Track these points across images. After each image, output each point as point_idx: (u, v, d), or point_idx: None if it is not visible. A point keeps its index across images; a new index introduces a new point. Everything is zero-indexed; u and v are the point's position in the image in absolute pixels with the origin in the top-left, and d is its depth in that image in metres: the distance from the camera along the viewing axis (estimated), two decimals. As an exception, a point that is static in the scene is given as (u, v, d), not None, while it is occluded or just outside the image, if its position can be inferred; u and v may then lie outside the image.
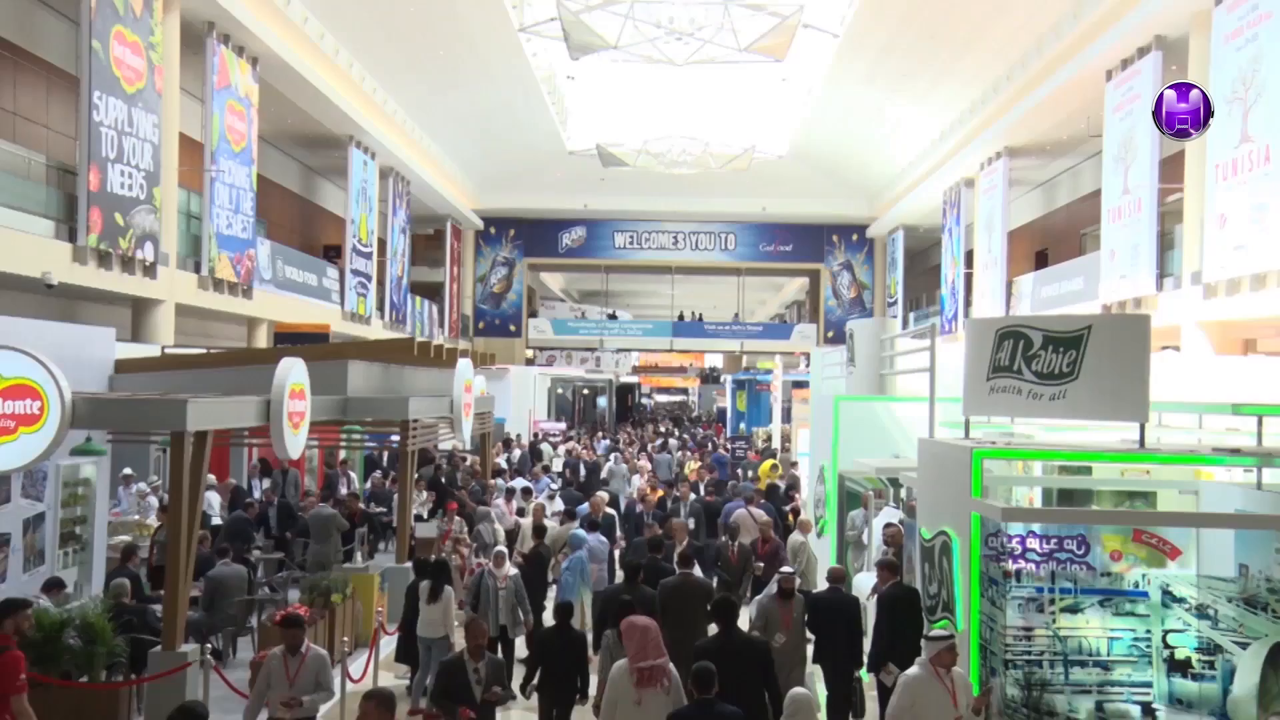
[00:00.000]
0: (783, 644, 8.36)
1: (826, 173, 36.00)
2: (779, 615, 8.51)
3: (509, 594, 9.85)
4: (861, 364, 12.94)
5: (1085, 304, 19.43)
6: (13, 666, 6.25)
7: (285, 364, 9.53)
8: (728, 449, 27.82)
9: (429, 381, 15.50)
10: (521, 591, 9.92)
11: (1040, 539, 6.38)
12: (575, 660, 7.81)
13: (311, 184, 28.86)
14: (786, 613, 8.54)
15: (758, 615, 8.67)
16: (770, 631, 8.44)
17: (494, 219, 39.24)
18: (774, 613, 8.52)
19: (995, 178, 25.23)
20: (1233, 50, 14.46)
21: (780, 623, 8.49)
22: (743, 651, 7.00)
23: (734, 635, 7.19)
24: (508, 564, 10.07)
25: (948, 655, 6.18)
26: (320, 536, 12.92)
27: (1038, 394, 6.65)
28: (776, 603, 8.58)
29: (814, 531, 13.17)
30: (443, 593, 9.49)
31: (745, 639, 7.29)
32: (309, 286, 23.10)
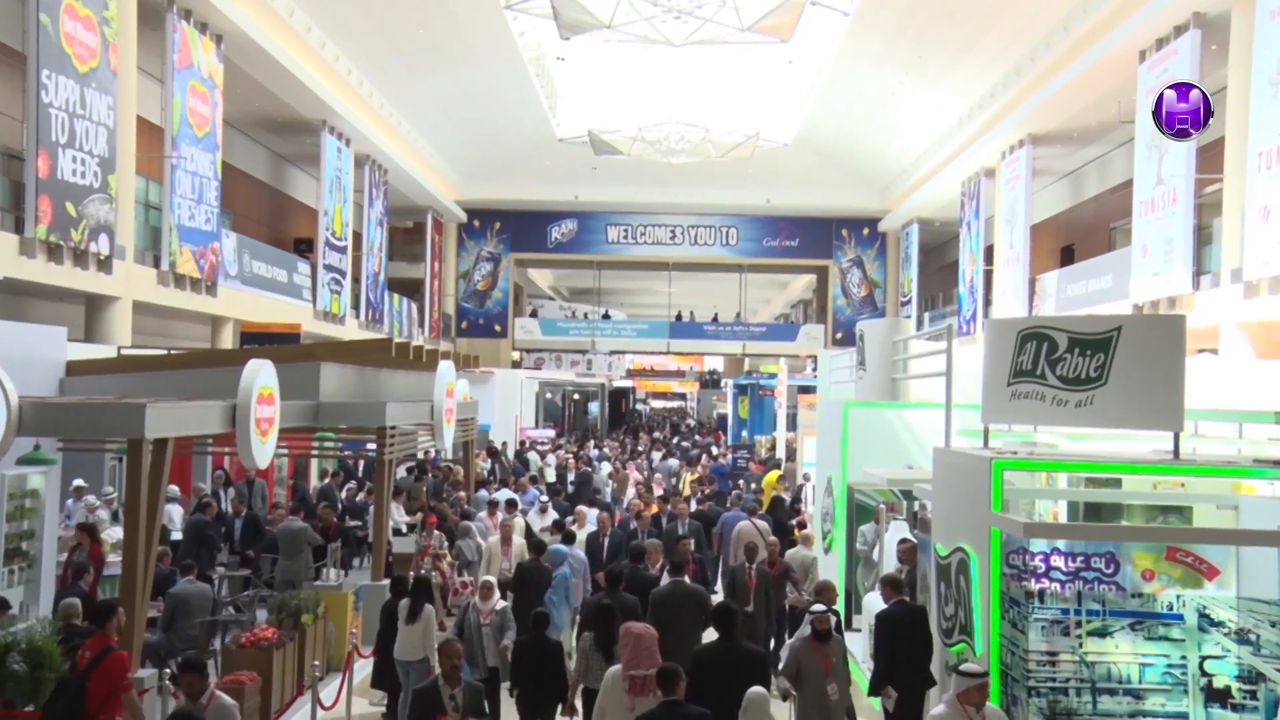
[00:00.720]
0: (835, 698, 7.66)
1: (835, 162, 36.01)
2: (815, 662, 7.80)
3: (495, 630, 9.26)
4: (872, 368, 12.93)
5: (1115, 303, 19.43)
6: (120, 665, 7.22)
7: (252, 366, 9.49)
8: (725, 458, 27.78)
9: (408, 385, 15.46)
10: (509, 625, 9.34)
11: (1065, 557, 6.36)
12: (553, 670, 8.26)
13: (281, 172, 28.80)
14: (824, 658, 7.79)
15: (788, 661, 7.99)
16: (806, 681, 7.72)
17: (478, 211, 39.20)
18: (808, 658, 7.83)
19: (1017, 167, 25.25)
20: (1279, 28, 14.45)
21: (817, 669, 7.73)
22: (743, 659, 7.39)
23: (735, 643, 7.56)
24: (496, 595, 9.54)
25: (978, 693, 6.03)
26: (290, 552, 12.86)
27: (1063, 400, 6.65)
28: (811, 646, 7.84)
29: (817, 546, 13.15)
30: (422, 612, 9.45)
31: (746, 647, 7.67)
32: (278, 283, 23.03)
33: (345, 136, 26.02)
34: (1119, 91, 20.11)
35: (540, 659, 8.28)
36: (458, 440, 17.20)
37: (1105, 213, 25.32)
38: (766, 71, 29.45)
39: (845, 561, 12.05)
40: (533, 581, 11.07)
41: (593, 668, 8.24)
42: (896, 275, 38.62)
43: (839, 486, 12.52)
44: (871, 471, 10.41)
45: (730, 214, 39.65)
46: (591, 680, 8.18)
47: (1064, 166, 27.15)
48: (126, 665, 7.32)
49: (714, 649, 7.56)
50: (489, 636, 9.34)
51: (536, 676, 8.27)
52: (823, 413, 15.48)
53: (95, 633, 7.43)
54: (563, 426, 46.29)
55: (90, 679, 7.13)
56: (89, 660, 7.22)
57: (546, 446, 30.41)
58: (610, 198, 38.73)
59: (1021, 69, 24.01)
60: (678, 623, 8.73)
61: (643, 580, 10.27)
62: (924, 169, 32.49)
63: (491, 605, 9.48)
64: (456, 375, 15.74)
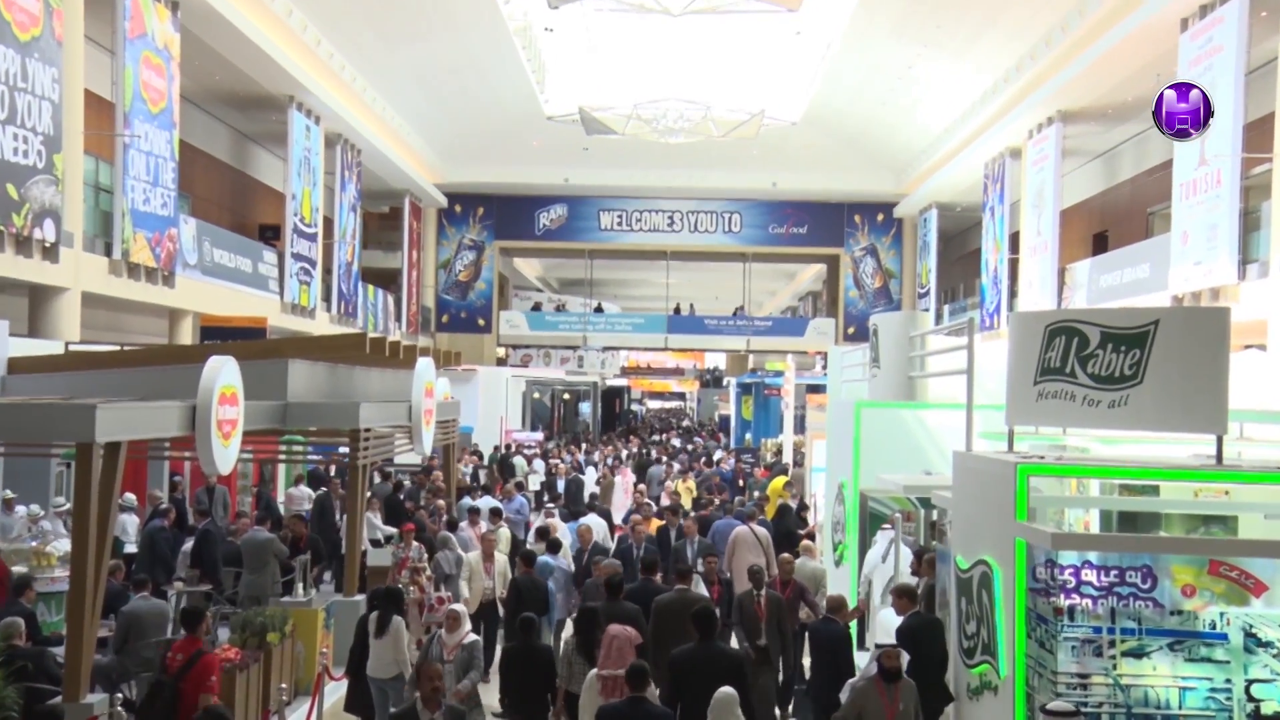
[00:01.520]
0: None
1: (847, 142, 36.01)
2: (881, 706, 7.33)
3: (460, 667, 8.74)
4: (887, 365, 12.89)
5: (1152, 295, 19.42)
6: (209, 668, 8.18)
7: (214, 364, 9.49)
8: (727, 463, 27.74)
9: (383, 384, 15.43)
10: (476, 662, 9.04)
11: (1098, 570, 6.35)
12: (542, 676, 8.60)
13: (245, 153, 28.74)
14: (891, 703, 7.35)
15: (848, 706, 7.57)
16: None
17: (459, 195, 39.17)
18: (873, 701, 7.37)
19: (1046, 147, 25.24)
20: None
21: (883, 716, 7.34)
22: (718, 661, 7.99)
23: (713, 645, 8.24)
24: (465, 626, 9.14)
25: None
26: (254, 565, 12.84)
27: (1094, 400, 6.63)
28: (877, 688, 7.43)
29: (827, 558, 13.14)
30: (390, 624, 9.48)
31: (724, 650, 8.40)
32: (242, 273, 22.99)
33: (314, 113, 25.96)
34: (1158, 63, 20.09)
35: (529, 665, 8.59)
36: (438, 443, 17.17)
37: (1142, 196, 25.32)
38: (772, 43, 29.41)
39: (857, 575, 12.02)
40: (529, 598, 11.08)
41: (575, 671, 8.66)
42: (913, 265, 38.64)
43: (851, 494, 12.48)
44: (886, 477, 10.37)
45: (733, 198, 39.64)
46: (574, 684, 8.60)
47: (1097, 146, 27.15)
48: (215, 669, 8.31)
49: (692, 652, 8.11)
50: (450, 674, 8.65)
51: (525, 683, 8.57)
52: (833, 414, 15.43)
53: (185, 636, 8.47)
54: (552, 429, 46.28)
55: (185, 681, 8.03)
56: (182, 663, 8.16)
57: (534, 450, 30.39)
58: (603, 181, 38.70)
59: (1051, 39, 24.00)
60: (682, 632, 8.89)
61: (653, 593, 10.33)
62: (944, 149, 32.50)
63: (459, 638, 8.95)
64: (436, 373, 15.70)
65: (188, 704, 7.83)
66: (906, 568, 10.06)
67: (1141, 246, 21.74)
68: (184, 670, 8.13)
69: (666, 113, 32.36)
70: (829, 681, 9.04)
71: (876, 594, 10.98)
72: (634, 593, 10.22)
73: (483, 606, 12.45)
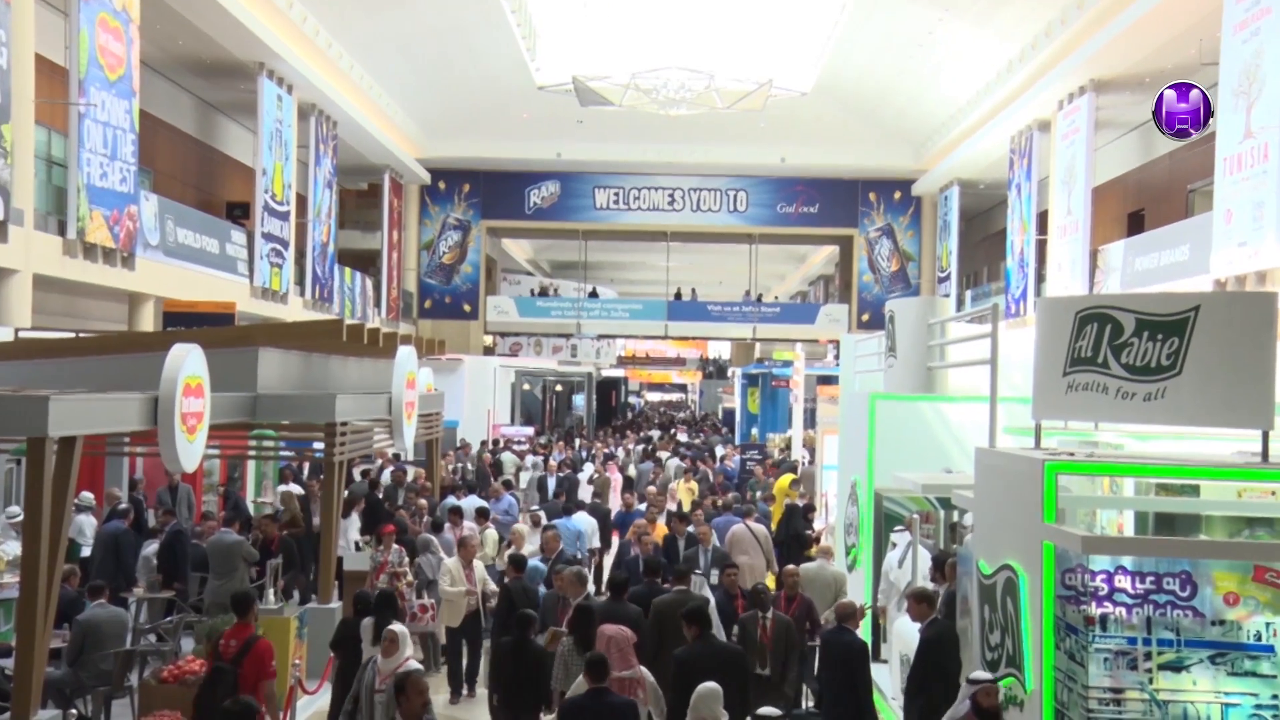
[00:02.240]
0: None
1: (862, 114, 35.95)
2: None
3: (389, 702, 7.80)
4: (904, 354, 12.90)
5: (1192, 279, 19.39)
6: (268, 652, 9.00)
7: (178, 352, 9.48)
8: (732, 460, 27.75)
9: (361, 375, 15.43)
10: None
11: (1132, 577, 6.34)
12: (535, 674, 8.95)
13: (211, 124, 28.67)
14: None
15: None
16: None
17: (444, 171, 39.12)
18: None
19: (1077, 119, 25.19)
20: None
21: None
22: (720, 657, 8.45)
23: (711, 643, 8.72)
24: (404, 651, 8.59)
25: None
26: (221, 570, 12.83)
27: (1129, 393, 6.62)
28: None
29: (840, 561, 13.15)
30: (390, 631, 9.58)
31: (723, 646, 8.86)
32: (208, 254, 22.94)
33: (287, 82, 25.89)
34: (1199, 28, 20.03)
35: (522, 662, 8.96)
36: (420, 438, 17.17)
37: (1182, 172, 25.27)
38: (781, 8, 29.33)
39: (872, 581, 12.04)
40: (521, 604, 11.01)
41: (572, 672, 8.80)
42: (933, 246, 38.62)
43: (865, 493, 12.50)
44: (903, 476, 10.37)
45: (739, 175, 39.60)
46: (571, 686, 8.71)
47: (1133, 118, 27.07)
48: (271, 654, 9.07)
49: (694, 650, 8.59)
50: (381, 708, 8.24)
51: (517, 680, 8.91)
52: (846, 407, 15.47)
53: (237, 623, 9.30)
54: (543, 423, 46.28)
55: (243, 666, 8.74)
56: (237, 649, 8.95)
57: (524, 446, 30.40)
58: (598, 156, 38.64)
59: (1083, 2, 23.93)
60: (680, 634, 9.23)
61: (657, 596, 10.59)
62: (966, 122, 32.44)
63: (395, 664, 8.33)
64: (419, 363, 15.70)
65: (245, 687, 8.44)
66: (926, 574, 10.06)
67: (1181, 226, 21.68)
68: (240, 656, 8.84)
69: (667, 82, 32.27)
70: (843, 700, 9.02)
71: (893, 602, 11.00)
72: (637, 596, 10.39)
73: (464, 618, 12.40)
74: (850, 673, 9.00)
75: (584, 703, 7.77)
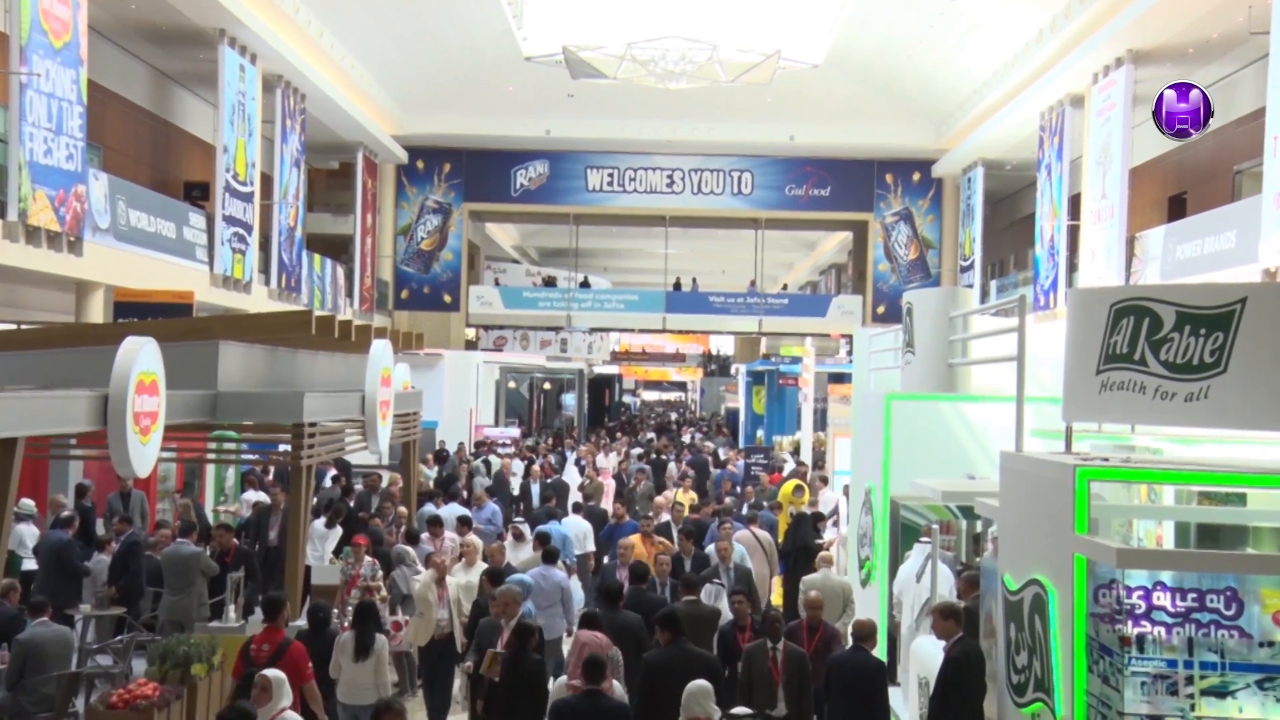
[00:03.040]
0: None
1: (878, 88, 35.94)
2: None
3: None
4: (923, 350, 12.90)
5: (1239, 268, 19.40)
6: (302, 656, 9.45)
7: (130, 346, 9.45)
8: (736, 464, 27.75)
9: (332, 371, 15.40)
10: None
11: (1172, 593, 6.33)
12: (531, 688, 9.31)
13: (167, 96, 28.60)
14: None
15: None
16: None
17: (422, 149, 39.08)
18: None
19: (1114, 94, 25.18)
20: None
21: None
22: (692, 663, 8.92)
23: (683, 647, 9.27)
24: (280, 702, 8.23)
25: None
26: (177, 584, 12.85)
27: (1168, 393, 6.61)
28: None
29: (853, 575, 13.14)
30: (374, 645, 10.01)
31: (696, 651, 9.36)
32: (164, 239, 22.88)
33: (250, 51, 25.83)
34: (1249, -8, 20.03)
35: (519, 675, 9.31)
36: (396, 440, 17.16)
37: (1228, 152, 25.25)
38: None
39: (887, 597, 12.03)
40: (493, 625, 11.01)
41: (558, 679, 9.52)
42: (955, 232, 38.63)
43: (880, 501, 12.49)
44: (921, 482, 10.35)
45: (744, 154, 39.60)
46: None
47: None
48: (306, 656, 9.49)
49: (664, 654, 9.20)
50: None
51: (512, 693, 9.26)
52: (859, 408, 15.46)
53: (266, 627, 9.84)
54: (530, 424, 46.29)
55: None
56: (269, 654, 9.38)
57: (509, 449, 30.41)
58: (591, 134, 38.61)
59: (1119, -35, 23.92)
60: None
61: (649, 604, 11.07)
62: (992, 97, 32.43)
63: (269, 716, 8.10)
64: (395, 358, 15.66)
65: None
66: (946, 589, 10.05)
67: (1226, 211, 21.66)
68: (272, 661, 9.18)
69: (666, 53, 32.26)
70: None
71: (908, 618, 10.99)
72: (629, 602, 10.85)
73: (434, 643, 12.22)
74: (866, 697, 8.95)
75: (577, 704, 8.38)
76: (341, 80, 31.82)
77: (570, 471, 25.93)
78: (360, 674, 9.93)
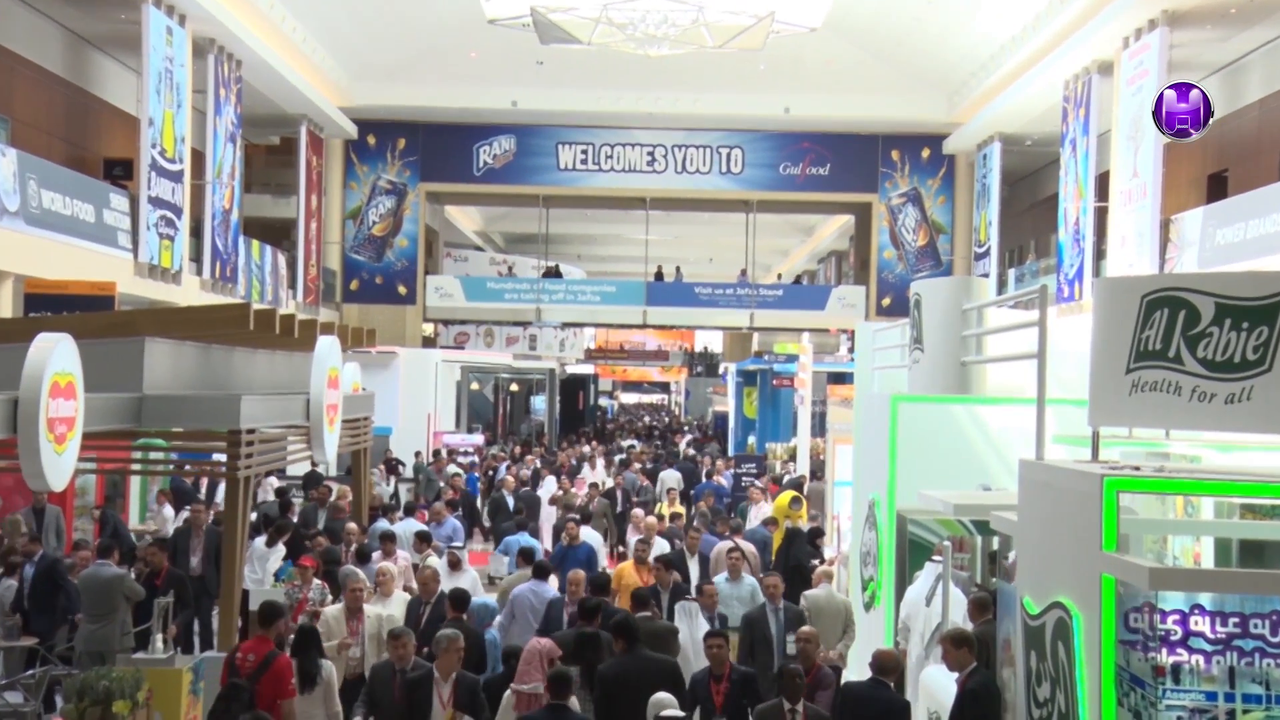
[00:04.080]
0: None
1: (883, 54, 36.00)
2: None
3: None
4: (933, 347, 12.92)
5: (1286, 255, 19.52)
6: (287, 669, 9.82)
7: (43, 344, 9.41)
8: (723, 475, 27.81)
9: (273, 372, 15.37)
10: None
11: (1212, 617, 6.35)
12: None
13: (85, 62, 28.48)
14: None
15: None
16: None
17: (374, 123, 39.03)
18: None
19: (1146, 59, 25.25)
20: None
21: None
22: (650, 672, 9.53)
23: (641, 654, 9.88)
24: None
25: None
26: (97, 610, 12.80)
27: (1207, 394, 6.62)
28: None
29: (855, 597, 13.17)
30: (321, 674, 10.09)
31: (655, 659, 9.99)
32: (81, 223, 22.78)
33: (179, 11, 25.74)
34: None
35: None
36: (345, 449, 17.11)
37: (1275, 125, 25.36)
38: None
39: (894, 622, 12.05)
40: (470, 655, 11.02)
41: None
42: (969, 216, 38.74)
43: (885, 515, 12.50)
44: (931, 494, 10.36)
45: (733, 129, 39.65)
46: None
47: (1215, 58, 27.17)
48: (290, 672, 9.87)
49: (619, 664, 9.79)
50: None
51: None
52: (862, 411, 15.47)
53: (257, 635, 10.24)
54: (496, 430, 46.28)
55: (260, 683, 9.60)
56: (255, 664, 9.77)
57: (471, 457, 30.43)
58: (562, 105, 38.57)
59: (1152, -84, 23.99)
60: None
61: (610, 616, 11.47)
62: (1010, 64, 32.50)
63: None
64: (344, 357, 15.62)
65: (262, 704, 9.34)
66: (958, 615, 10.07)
67: (1273, 190, 21.76)
68: (258, 673, 9.68)
69: (646, 16, 32.26)
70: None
71: (915, 646, 11.01)
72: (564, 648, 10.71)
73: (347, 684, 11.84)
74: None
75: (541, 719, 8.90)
76: (282, 45, 31.72)
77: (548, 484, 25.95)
78: (309, 705, 9.91)
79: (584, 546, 16.46)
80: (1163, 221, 24.82)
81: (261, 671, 9.69)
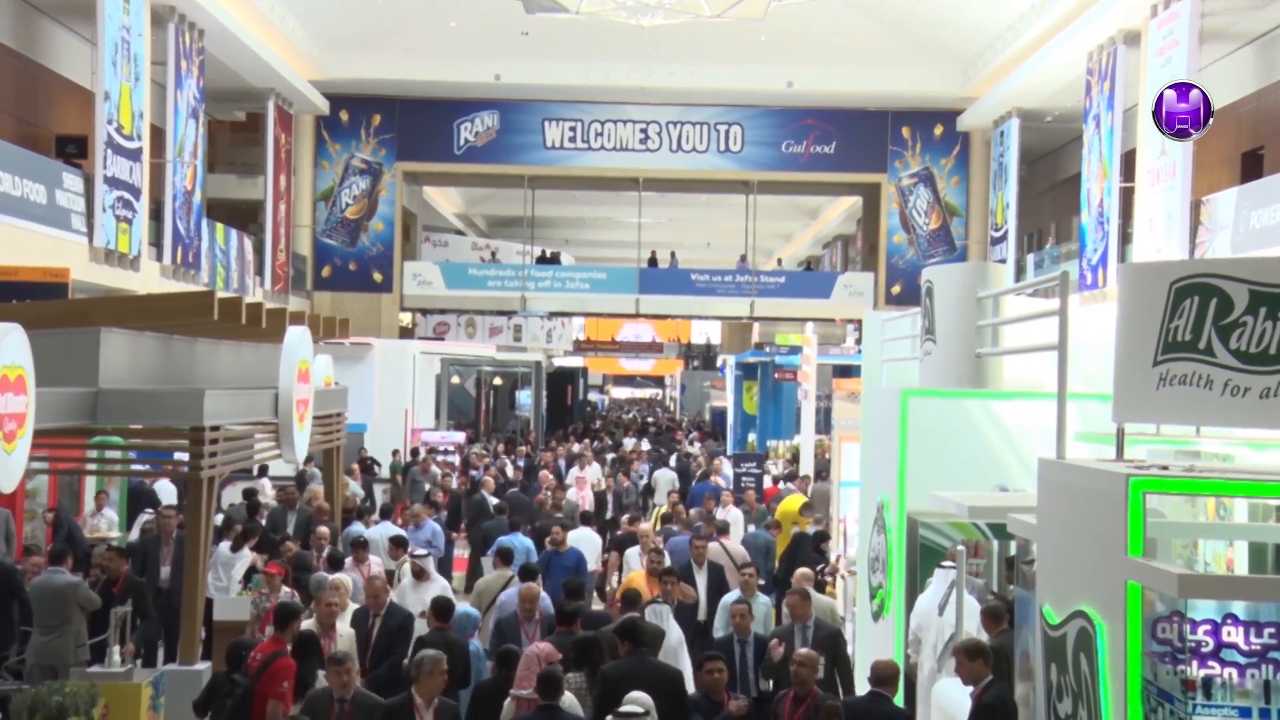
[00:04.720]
0: None
1: (892, 24, 36.03)
2: None
3: None
4: (946, 337, 12.93)
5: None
6: (280, 673, 10.14)
7: (-13, 334, 9.39)
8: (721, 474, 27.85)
9: (239, 365, 15.37)
10: None
11: (1245, 628, 6.35)
12: None
13: (34, 31, 28.43)
14: None
15: None
16: None
17: (347, 98, 39.01)
18: None
19: (1176, 29, 25.25)
20: None
21: None
22: (653, 676, 9.81)
23: (644, 659, 10.23)
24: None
25: None
26: (49, 620, 12.79)
27: (1240, 388, 6.62)
28: None
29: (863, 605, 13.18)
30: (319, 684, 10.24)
31: (656, 663, 10.39)
32: (32, 205, 22.75)
33: (139, -21, 25.71)
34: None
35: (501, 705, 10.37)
36: (316, 447, 17.12)
37: (1312, 100, 25.38)
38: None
39: (903, 633, 12.07)
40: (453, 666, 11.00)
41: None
42: (985, 197, 38.77)
43: (895, 518, 12.51)
44: (944, 496, 10.37)
45: (732, 105, 39.67)
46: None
47: (1249, 28, 27.17)
48: (289, 675, 10.25)
49: (623, 666, 10.12)
50: None
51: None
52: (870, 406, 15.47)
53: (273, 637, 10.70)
54: (477, 426, 46.27)
55: (259, 683, 10.02)
56: (260, 663, 10.16)
57: (451, 454, 30.45)
58: (549, 79, 38.58)
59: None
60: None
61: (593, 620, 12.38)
62: (1030, 34, 32.54)
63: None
64: (315, 349, 15.61)
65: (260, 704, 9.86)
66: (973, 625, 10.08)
67: (1312, 171, 21.82)
68: (260, 670, 10.10)
69: (639, -17, 32.28)
70: None
71: (928, 658, 11.02)
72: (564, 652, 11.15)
73: None
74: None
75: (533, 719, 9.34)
76: (248, 14, 31.70)
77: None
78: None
79: (572, 552, 16.31)
80: (1193, 203, 24.83)
81: (262, 670, 10.11)
